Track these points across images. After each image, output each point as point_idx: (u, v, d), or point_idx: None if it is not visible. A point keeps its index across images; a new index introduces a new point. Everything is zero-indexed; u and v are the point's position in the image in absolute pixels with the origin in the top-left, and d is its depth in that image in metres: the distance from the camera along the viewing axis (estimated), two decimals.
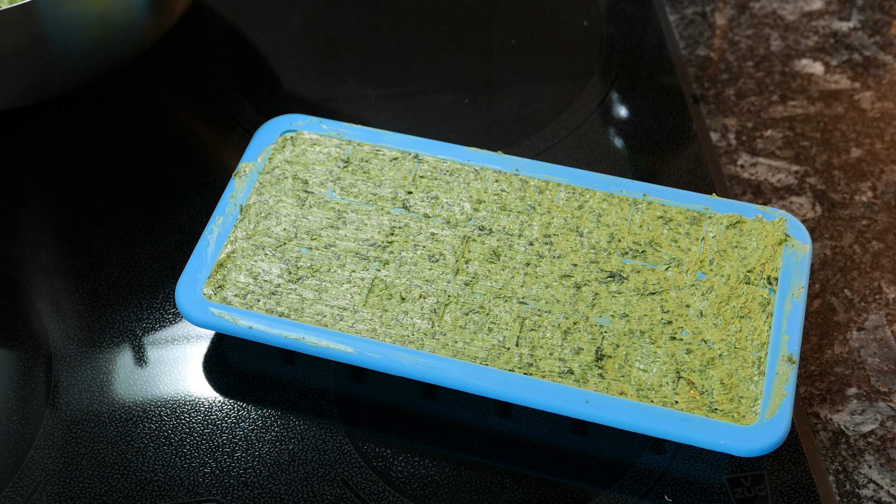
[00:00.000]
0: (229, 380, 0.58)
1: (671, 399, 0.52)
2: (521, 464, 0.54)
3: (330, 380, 0.57)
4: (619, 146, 0.69)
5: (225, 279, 0.56)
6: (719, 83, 0.72)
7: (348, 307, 0.55)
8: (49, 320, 0.60)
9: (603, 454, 0.54)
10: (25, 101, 0.66)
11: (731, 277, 0.56)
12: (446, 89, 0.72)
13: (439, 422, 0.56)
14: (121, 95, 0.71)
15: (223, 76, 0.72)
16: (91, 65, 0.64)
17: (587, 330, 0.54)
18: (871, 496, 0.54)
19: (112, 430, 0.56)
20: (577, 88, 0.71)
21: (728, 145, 0.69)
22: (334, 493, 0.53)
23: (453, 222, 0.58)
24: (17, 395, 0.57)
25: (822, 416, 0.57)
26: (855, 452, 0.55)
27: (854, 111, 0.70)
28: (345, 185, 0.60)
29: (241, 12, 0.76)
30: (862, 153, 0.68)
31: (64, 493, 0.54)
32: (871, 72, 0.72)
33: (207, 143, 0.70)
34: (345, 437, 0.55)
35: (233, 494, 0.53)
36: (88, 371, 0.58)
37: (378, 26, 0.75)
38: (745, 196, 0.66)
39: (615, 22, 0.75)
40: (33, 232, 0.65)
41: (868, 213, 0.65)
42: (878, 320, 0.60)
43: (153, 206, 0.65)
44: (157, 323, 0.60)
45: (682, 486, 0.53)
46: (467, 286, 0.56)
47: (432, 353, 0.53)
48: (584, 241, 0.57)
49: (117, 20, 0.61)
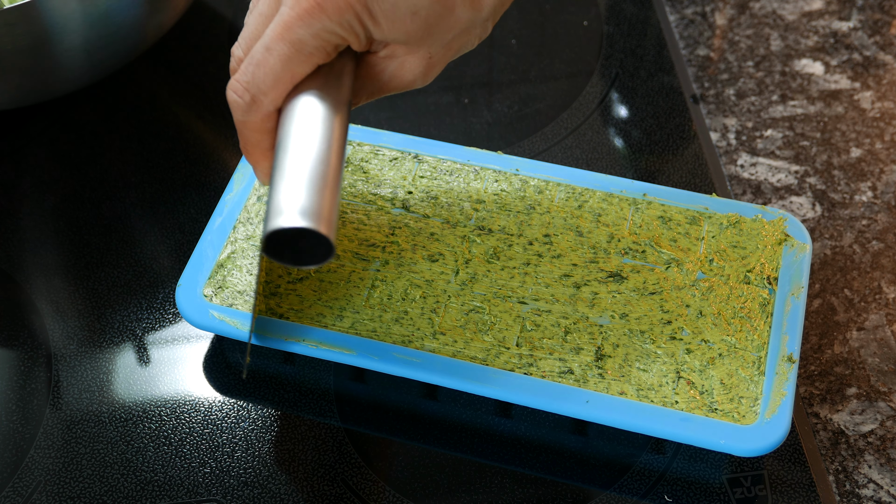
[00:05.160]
0: (229, 380, 0.58)
1: (671, 399, 0.52)
2: (521, 464, 0.54)
3: (330, 380, 0.57)
4: (619, 146, 0.69)
5: (225, 280, 0.56)
6: (719, 83, 0.72)
7: (348, 308, 0.55)
8: (49, 320, 0.60)
9: (603, 454, 0.54)
10: (26, 101, 0.66)
11: (730, 277, 0.56)
12: (446, 89, 0.72)
13: (439, 422, 0.56)
14: (121, 95, 0.71)
15: (223, 76, 0.72)
16: (91, 65, 0.64)
17: (587, 330, 0.54)
18: (871, 496, 0.54)
19: (112, 430, 0.56)
20: (577, 88, 0.71)
21: (728, 145, 0.69)
22: (334, 493, 0.53)
23: (453, 222, 0.58)
24: (17, 394, 0.57)
25: (822, 415, 0.57)
26: (855, 452, 0.55)
27: (854, 111, 0.70)
28: (344, 186, 0.60)
29: (240, 12, 0.76)
30: (862, 153, 0.68)
31: (64, 493, 0.54)
32: (871, 72, 0.72)
33: (207, 143, 0.70)
34: (345, 437, 0.55)
35: (233, 494, 0.53)
36: (88, 371, 0.58)
37: None
38: (744, 196, 0.66)
39: (615, 22, 0.75)
40: (33, 232, 0.65)
41: (868, 213, 0.65)
42: (878, 320, 0.60)
43: (153, 206, 0.65)
44: (157, 323, 0.60)
45: (682, 486, 0.53)
46: (467, 286, 0.56)
47: (432, 353, 0.53)
48: (584, 241, 0.57)
49: (118, 19, 0.61)
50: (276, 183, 0.41)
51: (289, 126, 0.43)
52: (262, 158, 0.46)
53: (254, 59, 0.43)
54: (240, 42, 0.45)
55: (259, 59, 0.42)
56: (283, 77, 0.43)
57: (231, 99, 0.44)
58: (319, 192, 0.41)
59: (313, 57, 0.42)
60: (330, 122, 0.43)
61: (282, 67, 0.42)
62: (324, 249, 0.41)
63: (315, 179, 0.41)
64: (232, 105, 0.44)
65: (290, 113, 0.43)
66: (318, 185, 0.41)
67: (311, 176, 0.41)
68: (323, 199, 0.41)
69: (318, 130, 0.42)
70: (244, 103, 0.44)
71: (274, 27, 0.42)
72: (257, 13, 0.44)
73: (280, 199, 0.41)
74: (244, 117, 0.44)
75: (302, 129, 0.43)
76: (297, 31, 0.41)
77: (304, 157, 0.42)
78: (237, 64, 0.45)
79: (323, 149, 0.42)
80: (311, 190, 0.41)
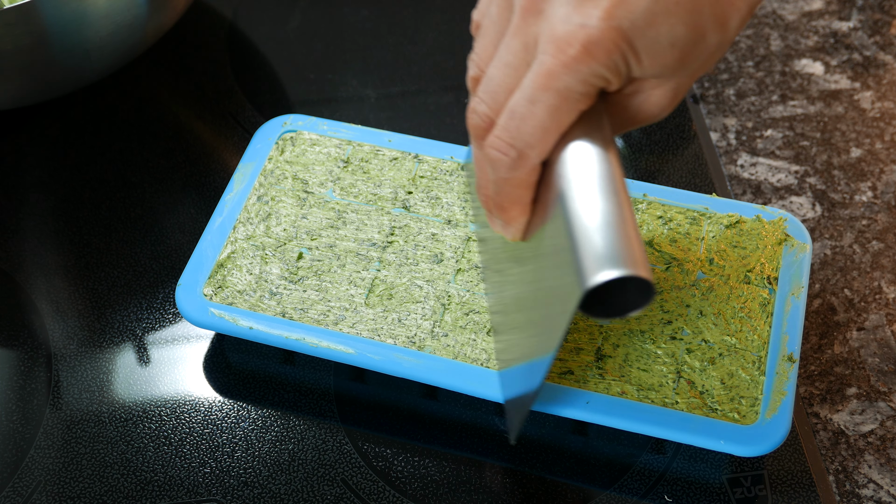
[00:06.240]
0: (229, 380, 0.58)
1: (671, 399, 0.52)
2: (521, 464, 0.54)
3: (330, 380, 0.57)
4: (619, 146, 0.69)
5: (225, 279, 0.56)
6: (719, 83, 0.72)
7: (349, 308, 0.55)
8: (49, 320, 0.60)
9: (603, 454, 0.54)
10: (26, 101, 0.66)
11: (731, 277, 0.56)
12: (446, 89, 0.72)
13: (439, 422, 0.56)
14: (121, 95, 0.71)
15: (223, 76, 0.72)
16: (91, 64, 0.64)
17: (587, 330, 0.54)
18: (871, 496, 0.54)
19: (112, 430, 0.56)
20: None
21: (728, 145, 0.69)
22: (334, 493, 0.53)
23: (453, 222, 0.58)
24: (17, 394, 0.57)
25: (822, 415, 0.57)
26: (855, 452, 0.55)
27: (854, 111, 0.70)
28: (345, 186, 0.60)
29: (240, 12, 0.76)
30: (862, 153, 0.68)
31: (64, 493, 0.54)
32: (871, 72, 0.72)
33: (207, 143, 0.70)
34: (345, 437, 0.55)
35: (233, 494, 0.53)
36: (88, 371, 0.58)
37: (378, 26, 0.75)
38: (744, 196, 0.66)
39: None
40: (33, 232, 0.65)
41: (868, 213, 0.65)
42: (878, 320, 0.60)
43: (153, 206, 0.65)
44: (157, 323, 0.60)
45: (682, 486, 0.53)
46: (467, 286, 0.56)
47: (433, 353, 0.53)
48: None
49: (118, 19, 0.61)
50: (578, 235, 0.39)
51: (567, 175, 0.41)
52: (521, 214, 0.44)
53: (516, 114, 0.40)
54: (482, 97, 0.42)
55: (523, 112, 0.40)
56: (552, 128, 0.40)
57: (494, 157, 0.42)
58: (628, 236, 0.39)
59: (579, 104, 0.40)
60: (609, 164, 0.41)
61: (549, 119, 0.40)
62: (644, 294, 0.39)
63: (620, 225, 0.39)
64: (495, 163, 0.42)
65: (565, 162, 0.41)
66: (624, 230, 0.39)
67: (615, 222, 0.39)
68: (635, 243, 0.39)
69: (603, 174, 0.40)
70: (510, 160, 0.41)
71: (535, 78, 0.40)
72: (502, 65, 0.41)
73: (591, 250, 0.38)
74: (509, 174, 0.42)
75: (586, 176, 0.40)
76: (563, 78, 0.39)
77: (599, 205, 0.40)
78: (484, 122, 0.42)
79: (614, 192, 0.40)
80: (620, 236, 0.39)
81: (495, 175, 0.43)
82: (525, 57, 0.41)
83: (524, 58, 0.41)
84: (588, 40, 0.38)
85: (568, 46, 0.39)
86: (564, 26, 0.39)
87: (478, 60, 0.43)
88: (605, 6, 0.38)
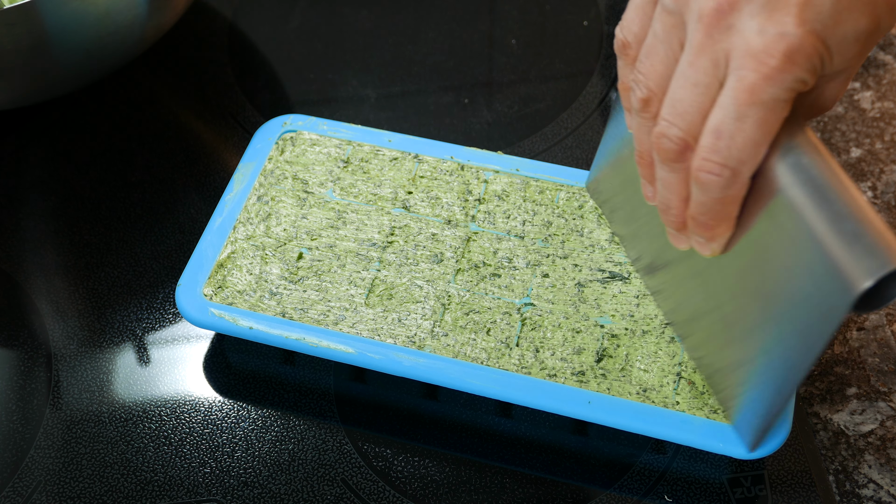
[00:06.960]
0: (229, 380, 0.58)
1: (672, 400, 0.52)
2: (521, 464, 0.54)
3: (330, 380, 0.57)
4: None
5: (225, 279, 0.56)
6: None
7: (349, 307, 0.55)
8: (49, 320, 0.60)
9: (603, 454, 0.54)
10: (25, 101, 0.66)
11: None
12: (446, 89, 0.72)
13: (439, 422, 0.56)
14: (121, 95, 0.71)
15: (223, 76, 0.72)
16: (91, 65, 0.64)
17: (588, 330, 0.54)
18: (871, 496, 0.54)
19: (112, 430, 0.56)
20: (577, 88, 0.71)
21: None
22: (334, 493, 0.53)
23: (453, 222, 0.58)
24: (17, 394, 0.57)
25: (821, 415, 0.57)
26: (855, 452, 0.55)
27: (854, 111, 0.70)
28: (345, 186, 0.60)
29: (240, 12, 0.76)
30: (862, 153, 0.68)
31: (64, 493, 0.54)
32: (871, 72, 0.72)
33: (207, 143, 0.70)
34: (345, 437, 0.55)
35: (233, 494, 0.53)
36: (88, 371, 0.58)
37: (378, 26, 0.75)
38: None
39: (615, 22, 0.75)
40: (33, 232, 0.65)
41: None
42: (878, 320, 0.60)
43: (153, 206, 0.65)
44: (157, 323, 0.60)
45: (682, 485, 0.53)
46: (467, 286, 0.56)
47: (433, 353, 0.53)
48: (585, 241, 0.57)
49: (118, 20, 0.61)
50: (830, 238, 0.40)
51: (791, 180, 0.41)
52: (728, 230, 0.44)
53: (724, 133, 0.40)
54: (671, 121, 0.42)
55: (731, 130, 0.40)
56: (762, 141, 0.41)
57: (705, 180, 0.42)
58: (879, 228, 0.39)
59: (784, 112, 0.40)
60: (825, 159, 0.41)
61: (759, 132, 0.40)
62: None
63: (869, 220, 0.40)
64: (706, 185, 0.42)
65: (782, 168, 0.41)
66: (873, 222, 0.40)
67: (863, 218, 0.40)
68: (887, 233, 0.39)
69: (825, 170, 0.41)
70: (723, 180, 0.41)
71: (736, 94, 0.40)
72: (690, 85, 0.41)
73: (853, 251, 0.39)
74: (723, 193, 0.42)
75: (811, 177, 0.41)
76: (767, 90, 0.39)
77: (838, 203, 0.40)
78: (678, 146, 0.42)
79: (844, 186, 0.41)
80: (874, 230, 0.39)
81: (706, 196, 0.43)
82: (716, 74, 0.41)
83: (715, 75, 0.41)
84: (789, 48, 0.39)
85: (769, 58, 0.39)
86: (761, 38, 0.39)
87: (647, 82, 0.43)
88: (796, 11, 0.39)
